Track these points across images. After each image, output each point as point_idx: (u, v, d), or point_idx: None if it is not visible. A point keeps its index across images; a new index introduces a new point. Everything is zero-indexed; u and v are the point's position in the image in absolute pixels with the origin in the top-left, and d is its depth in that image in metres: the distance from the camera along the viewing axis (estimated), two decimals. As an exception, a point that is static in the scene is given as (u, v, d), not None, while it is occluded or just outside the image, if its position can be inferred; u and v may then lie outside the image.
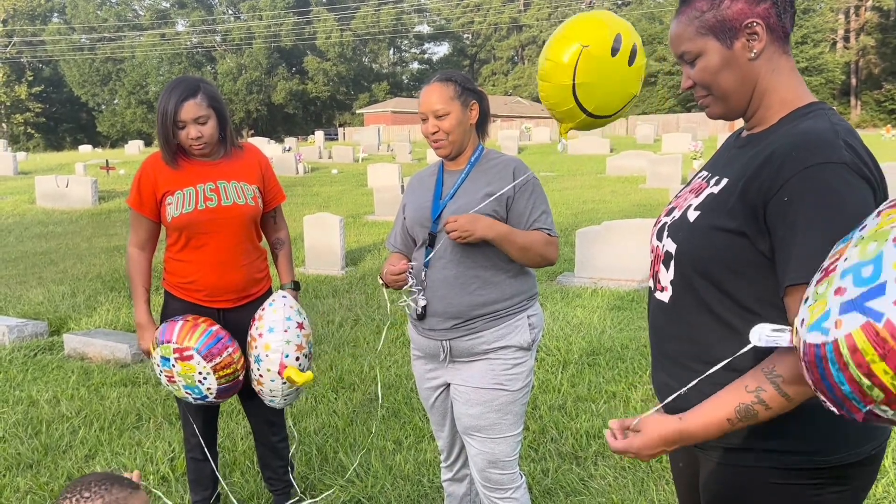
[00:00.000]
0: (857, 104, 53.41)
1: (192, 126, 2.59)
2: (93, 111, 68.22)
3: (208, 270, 2.69)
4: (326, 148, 29.67)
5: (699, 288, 1.42)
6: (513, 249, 2.23)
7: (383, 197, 12.28)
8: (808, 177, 1.26)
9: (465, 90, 2.32)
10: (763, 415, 1.28)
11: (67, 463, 3.62)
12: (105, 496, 1.52)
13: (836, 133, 1.29)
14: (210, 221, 2.65)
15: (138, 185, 2.70)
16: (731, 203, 1.37)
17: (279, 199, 2.93)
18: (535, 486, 3.23)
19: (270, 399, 2.67)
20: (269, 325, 2.61)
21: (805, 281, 1.24)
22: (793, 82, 1.42)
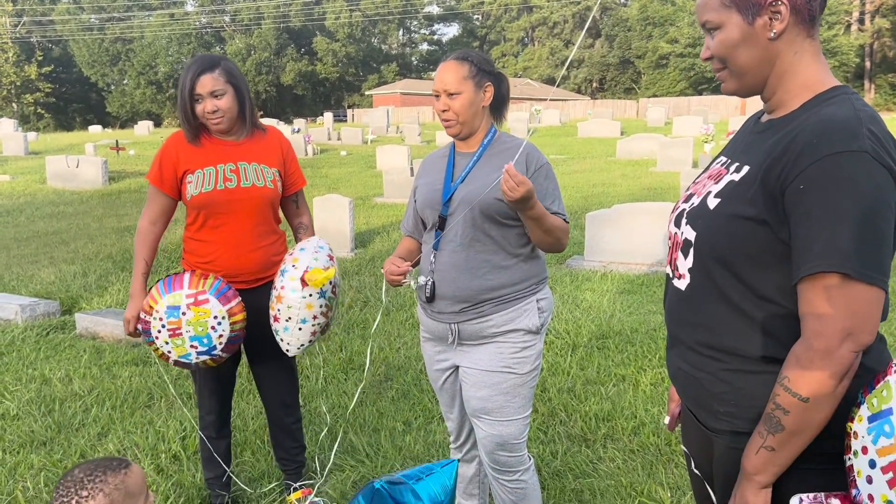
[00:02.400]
0: (872, 87, 52.80)
1: (208, 100, 2.61)
2: (102, 91, 68.24)
3: (225, 251, 2.70)
4: (335, 129, 29.63)
5: (717, 276, 1.41)
6: (540, 228, 2.18)
7: (392, 179, 12.27)
8: (826, 166, 1.23)
9: (480, 71, 2.30)
10: (787, 422, 1.26)
11: (80, 441, 3.66)
12: (104, 488, 1.51)
13: (858, 120, 1.26)
14: (228, 202, 2.67)
15: (160, 162, 2.71)
16: (753, 191, 1.35)
17: (300, 183, 2.93)
18: (545, 468, 3.24)
19: (285, 326, 2.57)
20: (301, 246, 2.66)
21: (819, 271, 1.23)
22: (816, 66, 1.38)
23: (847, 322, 1.22)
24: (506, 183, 1.99)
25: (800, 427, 1.26)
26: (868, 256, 1.22)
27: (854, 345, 1.24)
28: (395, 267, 2.30)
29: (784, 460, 1.29)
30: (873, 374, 1.33)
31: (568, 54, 67.49)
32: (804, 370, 1.24)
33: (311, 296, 2.55)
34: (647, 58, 58.30)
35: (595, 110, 36.90)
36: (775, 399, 1.27)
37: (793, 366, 1.26)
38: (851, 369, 1.25)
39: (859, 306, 1.23)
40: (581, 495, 3.02)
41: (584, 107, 42.13)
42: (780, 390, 1.27)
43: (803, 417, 1.25)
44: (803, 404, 1.25)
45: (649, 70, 59.15)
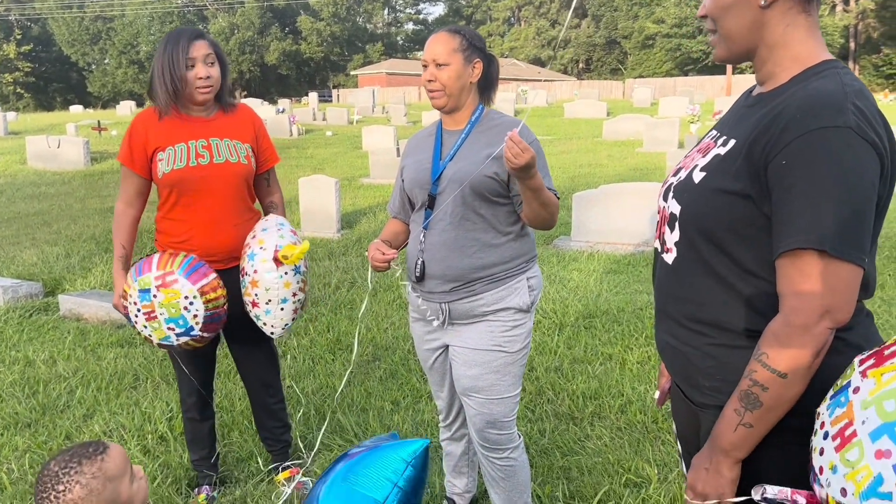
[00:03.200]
0: (856, 68, 53.01)
1: (201, 64, 2.56)
2: (83, 71, 67.21)
3: (200, 229, 2.65)
4: (320, 110, 29.37)
5: (702, 249, 1.41)
6: (537, 200, 2.14)
7: (378, 159, 12.20)
8: (809, 141, 1.22)
9: (471, 46, 2.27)
10: (765, 398, 1.27)
11: (65, 422, 3.63)
12: (80, 479, 1.48)
13: (844, 95, 1.25)
14: (201, 179, 2.61)
15: (129, 141, 2.64)
16: (737, 164, 1.34)
17: (272, 160, 2.88)
18: (533, 445, 3.26)
19: (266, 309, 2.55)
20: (263, 226, 2.61)
21: (798, 247, 1.22)
22: (809, 42, 1.36)
23: (825, 300, 1.23)
24: (510, 149, 1.95)
25: (777, 403, 1.27)
26: (847, 234, 1.21)
27: (831, 322, 1.24)
28: (379, 253, 2.27)
29: (760, 436, 1.30)
30: (860, 351, 1.33)
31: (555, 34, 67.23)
32: (783, 346, 1.25)
33: (286, 274, 2.53)
34: (634, 38, 58.17)
35: (581, 91, 36.82)
36: (752, 376, 1.28)
37: (771, 342, 1.26)
38: (826, 345, 1.26)
39: (837, 284, 1.23)
40: (569, 472, 3.04)
41: (570, 87, 42.05)
42: (758, 367, 1.27)
43: (781, 393, 1.26)
44: (781, 380, 1.25)
45: (635, 50, 59.04)
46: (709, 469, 1.35)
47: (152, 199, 2.73)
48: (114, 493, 1.52)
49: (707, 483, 1.35)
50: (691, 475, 1.38)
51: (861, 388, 1.10)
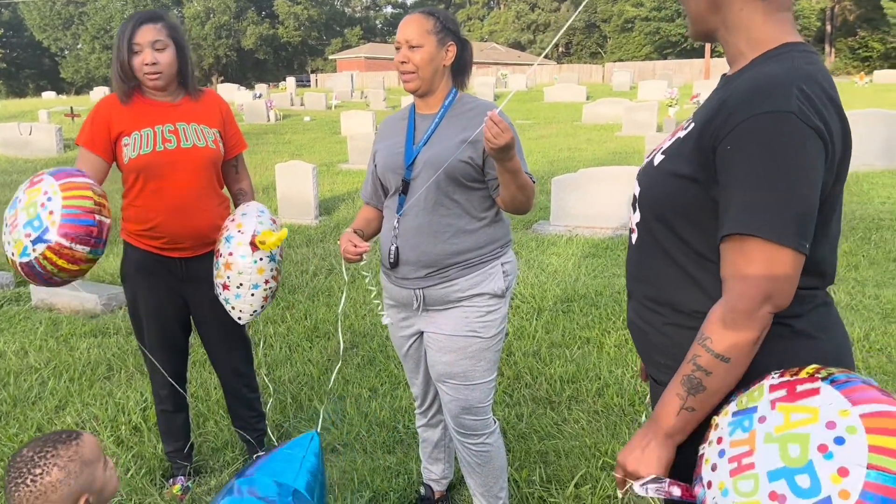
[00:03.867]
0: (832, 51, 53.42)
1: (147, 50, 2.48)
2: (55, 56, 66.03)
3: (168, 215, 2.59)
4: (298, 95, 29.10)
5: (657, 231, 1.42)
6: (515, 183, 2.12)
7: (357, 145, 12.11)
8: (751, 126, 1.22)
9: (444, 28, 2.23)
10: (709, 382, 1.27)
11: (37, 414, 3.57)
12: (58, 462, 1.46)
13: (792, 79, 1.24)
14: (169, 164, 2.55)
15: (91, 123, 2.57)
16: (689, 148, 1.34)
17: (240, 146, 2.83)
18: (510, 430, 3.26)
19: (237, 293, 2.50)
20: (242, 211, 2.57)
21: (737, 233, 1.23)
22: (769, 25, 1.35)
23: (767, 285, 1.23)
24: (490, 129, 1.92)
25: (719, 387, 1.27)
26: (786, 220, 1.21)
27: (772, 307, 1.25)
28: (351, 245, 2.24)
29: (700, 419, 1.31)
30: (809, 339, 1.33)
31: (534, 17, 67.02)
32: (726, 330, 1.25)
33: (261, 259, 2.49)
34: (613, 22, 58.17)
35: (561, 75, 36.78)
36: (696, 360, 1.28)
37: (715, 326, 1.26)
38: (767, 329, 1.26)
39: (778, 269, 1.23)
40: (546, 456, 3.04)
41: (550, 71, 41.99)
42: (702, 351, 1.27)
43: (723, 377, 1.26)
44: (724, 364, 1.25)
45: (615, 34, 59.07)
46: (644, 449, 1.35)
47: (118, 188, 2.66)
48: (90, 477, 1.51)
49: (640, 463, 1.34)
50: (623, 453, 1.37)
51: (768, 419, 1.11)
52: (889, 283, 5.16)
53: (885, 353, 3.92)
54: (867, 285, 5.10)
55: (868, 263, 5.62)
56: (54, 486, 1.45)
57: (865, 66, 46.89)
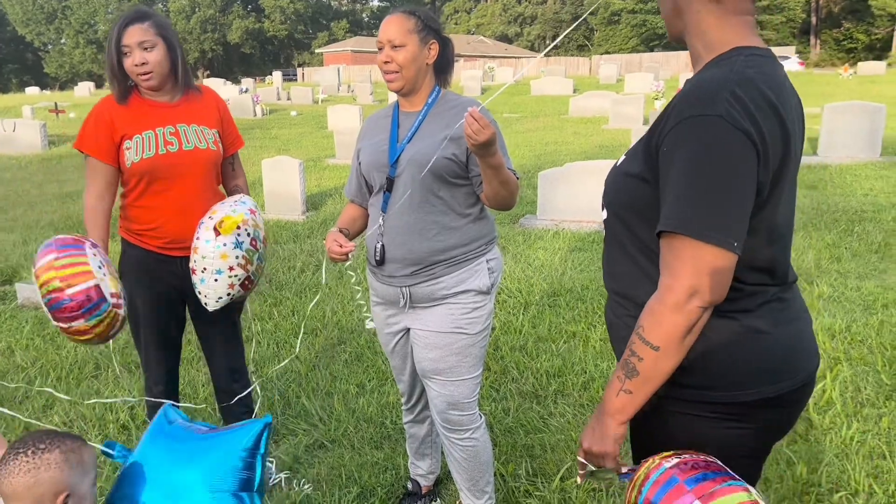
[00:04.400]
0: (817, 43, 53.68)
1: (136, 51, 2.48)
2: (39, 51, 65.36)
3: (171, 216, 2.60)
4: (285, 89, 29.00)
5: (616, 228, 1.50)
6: (498, 178, 2.13)
7: (344, 140, 12.08)
8: (682, 129, 1.28)
9: (426, 27, 2.25)
10: (642, 368, 1.34)
11: (24, 413, 3.57)
12: (61, 446, 1.51)
13: (724, 83, 1.28)
14: (172, 166, 2.56)
15: (94, 129, 2.55)
16: (640, 149, 1.42)
17: (237, 144, 2.84)
18: (497, 424, 3.29)
19: (201, 277, 2.47)
20: (222, 201, 2.58)
21: (663, 230, 1.30)
22: (722, 28, 1.39)
23: (692, 280, 1.28)
24: (471, 125, 1.94)
25: (652, 373, 1.34)
26: (711, 218, 1.26)
27: (700, 301, 1.29)
28: (336, 245, 2.24)
29: (640, 401, 1.38)
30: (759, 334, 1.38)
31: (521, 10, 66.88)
32: (656, 321, 1.32)
33: (224, 245, 2.45)
34: (600, 14, 58.19)
35: (548, 68, 36.79)
36: (631, 346, 1.36)
37: (647, 316, 1.33)
38: (699, 323, 1.32)
39: (703, 266, 1.27)
40: (532, 450, 3.08)
41: (537, 64, 41.96)
42: (636, 338, 1.35)
43: (655, 365, 1.33)
44: (654, 352, 1.32)
45: (602, 26, 59.11)
46: (595, 428, 1.44)
47: None
48: (80, 479, 1.53)
49: (593, 441, 1.43)
50: (582, 435, 1.48)
51: None
52: (871, 275, 5.22)
53: (867, 344, 3.97)
54: (849, 277, 5.16)
55: (850, 255, 5.68)
56: (48, 465, 1.48)
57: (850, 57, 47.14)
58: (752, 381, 1.38)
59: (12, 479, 1.46)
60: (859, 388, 3.49)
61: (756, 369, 1.38)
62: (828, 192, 7.91)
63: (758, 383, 1.38)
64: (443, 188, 2.24)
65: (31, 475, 1.46)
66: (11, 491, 1.46)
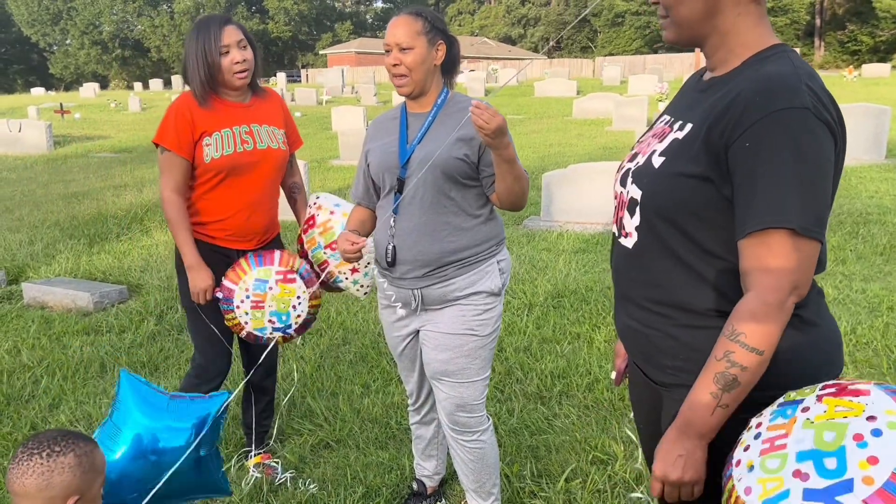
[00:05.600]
0: (821, 45, 53.61)
1: (235, 49, 2.59)
2: (44, 52, 65.59)
3: (239, 209, 2.71)
4: (289, 90, 29.04)
5: (664, 233, 1.43)
6: (512, 173, 2.14)
7: (348, 140, 12.10)
8: (769, 123, 1.25)
9: (433, 28, 2.25)
10: (744, 377, 1.28)
11: (31, 412, 3.59)
12: (76, 450, 1.51)
13: (798, 77, 1.28)
14: (248, 164, 2.68)
15: (174, 126, 2.62)
16: (696, 148, 1.36)
17: (298, 144, 2.97)
18: (501, 425, 3.29)
19: (365, 272, 2.76)
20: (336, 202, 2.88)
21: (768, 227, 1.25)
22: (759, 28, 1.40)
23: (795, 276, 1.26)
24: (479, 117, 1.94)
25: (753, 380, 1.29)
26: (811, 211, 1.25)
27: (797, 297, 1.29)
28: (348, 244, 2.23)
29: (729, 415, 1.31)
30: (814, 327, 1.36)
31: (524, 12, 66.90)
32: (760, 324, 1.26)
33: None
34: (603, 16, 58.19)
35: (552, 70, 36.81)
36: (730, 357, 1.28)
37: (747, 321, 1.27)
38: None
39: (803, 260, 1.27)
40: (537, 451, 3.08)
41: (540, 66, 41.98)
42: (736, 347, 1.27)
43: (757, 371, 1.28)
44: (759, 357, 1.27)
45: (605, 28, 59.10)
46: (684, 455, 1.34)
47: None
48: (90, 482, 1.53)
49: (686, 469, 1.34)
50: (661, 466, 1.36)
51: (811, 409, 1.13)
52: (876, 277, 5.21)
53: (872, 346, 3.97)
54: (854, 279, 5.16)
55: (855, 258, 5.68)
56: (62, 469, 1.48)
57: (854, 59, 47.06)
58: (818, 375, 1.34)
59: (25, 479, 1.46)
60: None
61: (821, 363, 1.37)
62: (832, 195, 7.90)
63: (821, 376, 1.34)
64: (454, 189, 2.24)
65: (44, 478, 1.46)
66: (24, 491, 1.46)
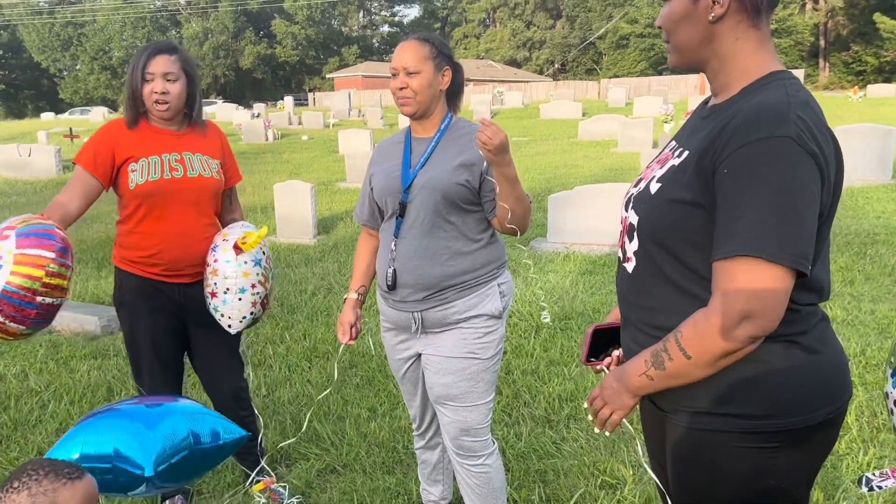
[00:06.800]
0: (826, 66, 53.75)
1: (159, 80, 2.54)
2: (54, 77, 66.36)
3: (170, 242, 2.63)
4: (296, 114, 29.25)
5: (659, 259, 1.44)
6: (514, 193, 2.16)
7: (355, 163, 12.16)
8: (749, 151, 1.26)
9: (440, 54, 2.28)
10: (669, 366, 1.35)
11: (38, 437, 3.58)
12: (32, 487, 1.43)
13: (788, 105, 1.28)
14: (175, 192, 2.60)
15: (95, 146, 2.59)
16: (689, 175, 1.37)
17: (236, 178, 2.90)
18: (509, 449, 3.27)
19: (224, 299, 2.51)
20: (230, 226, 2.68)
21: (736, 255, 1.26)
22: (759, 54, 1.39)
23: (750, 304, 1.26)
24: (483, 132, 1.98)
25: (678, 374, 1.36)
26: (785, 240, 1.24)
27: (752, 328, 1.27)
28: (347, 337, 2.51)
29: (659, 389, 1.41)
30: (816, 354, 1.36)
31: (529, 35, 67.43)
32: (696, 335, 1.32)
33: (246, 263, 2.53)
34: (608, 38, 58.56)
35: (557, 92, 37.01)
36: (666, 343, 1.37)
37: (690, 326, 1.34)
38: (742, 352, 1.30)
39: (765, 291, 1.25)
40: (545, 476, 3.06)
41: (546, 88, 42.19)
42: (672, 339, 1.36)
43: (682, 370, 1.35)
44: (685, 360, 1.34)
45: (610, 51, 59.44)
46: (611, 390, 1.48)
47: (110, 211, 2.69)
48: None
49: (610, 400, 1.49)
50: (597, 389, 1.52)
51: None
52: (884, 298, 5.18)
53: (882, 368, 3.94)
54: (863, 300, 5.13)
55: (864, 279, 5.65)
56: None
57: (860, 80, 47.13)
58: (817, 404, 1.36)
59: None
60: (875, 412, 3.46)
61: (819, 391, 1.37)
62: (840, 215, 7.87)
63: (822, 405, 1.36)
64: (454, 214, 2.25)
65: None
66: None
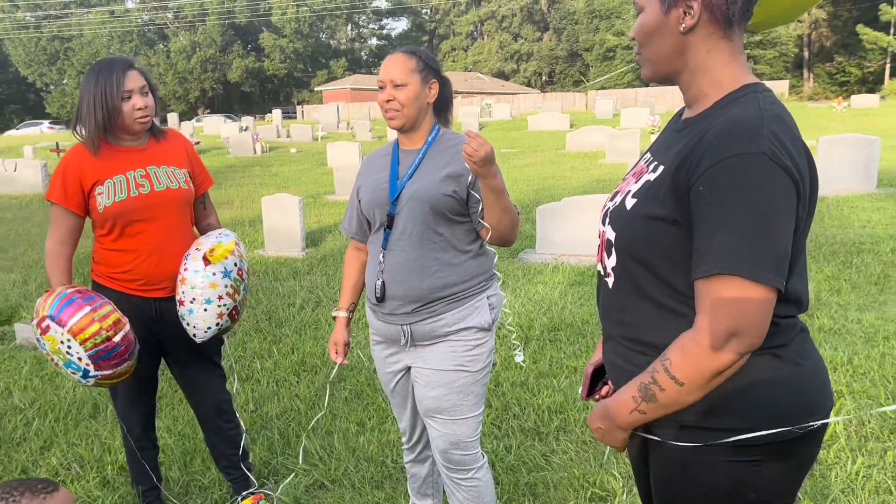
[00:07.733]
0: (810, 77, 54.34)
1: (137, 95, 2.53)
2: (41, 92, 66.08)
3: (145, 258, 2.61)
4: (284, 127, 29.25)
5: (637, 275, 1.43)
6: (500, 205, 2.16)
7: (343, 176, 12.16)
8: (724, 168, 1.25)
9: (427, 67, 2.29)
10: (661, 397, 1.33)
11: (22, 455, 3.53)
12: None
13: (761, 120, 1.27)
14: (145, 208, 2.58)
15: (62, 178, 2.56)
16: (664, 191, 1.36)
17: (207, 184, 2.88)
18: (498, 462, 3.25)
19: (189, 308, 2.50)
20: (206, 235, 2.66)
21: (714, 273, 1.25)
22: (731, 66, 1.38)
23: (733, 322, 1.25)
24: (469, 144, 1.99)
25: (671, 403, 1.34)
26: (761, 257, 1.24)
27: (739, 346, 1.27)
28: (333, 354, 2.59)
29: (652, 419, 1.40)
30: (796, 366, 1.36)
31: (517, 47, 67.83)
32: (686, 359, 1.30)
33: (214, 274, 2.51)
34: (595, 50, 59.03)
35: (545, 104, 37.20)
36: (654, 375, 1.34)
37: (677, 351, 1.31)
38: (732, 369, 1.29)
39: (749, 307, 1.25)
40: (535, 489, 3.04)
41: (533, 100, 42.42)
42: (661, 369, 1.33)
43: (676, 397, 1.33)
44: (678, 387, 1.32)
45: (597, 63, 59.88)
46: (602, 429, 1.48)
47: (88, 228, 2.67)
48: None
49: (604, 437, 1.49)
50: (590, 421, 1.51)
51: None
52: (871, 307, 5.21)
53: (869, 377, 3.95)
54: (849, 309, 5.16)
55: (850, 287, 5.68)
56: None
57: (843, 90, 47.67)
58: (799, 417, 1.35)
59: None
60: (863, 421, 3.47)
61: (801, 403, 1.36)
62: (825, 225, 7.93)
63: (804, 417, 1.35)
64: (443, 225, 2.25)
65: None
66: None
